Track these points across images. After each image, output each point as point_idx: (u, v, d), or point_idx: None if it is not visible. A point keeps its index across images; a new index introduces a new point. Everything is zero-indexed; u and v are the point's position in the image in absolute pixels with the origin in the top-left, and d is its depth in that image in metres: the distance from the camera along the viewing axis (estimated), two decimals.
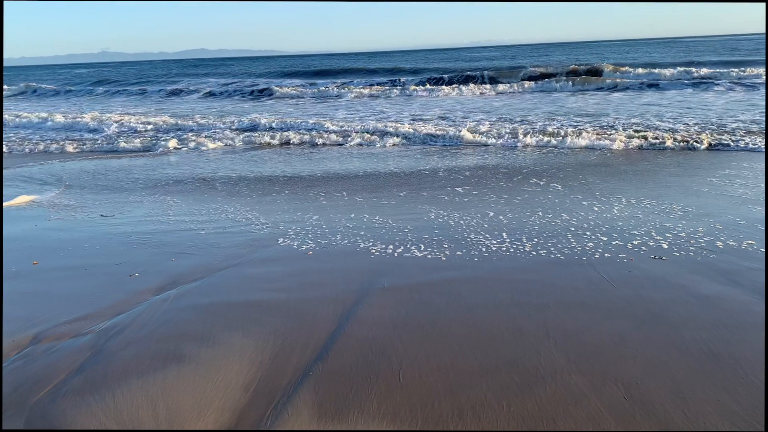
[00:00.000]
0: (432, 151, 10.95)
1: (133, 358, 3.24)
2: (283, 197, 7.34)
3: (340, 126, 14.36)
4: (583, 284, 4.07)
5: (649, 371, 2.94)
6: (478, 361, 3.10)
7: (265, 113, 19.52)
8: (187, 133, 14.52)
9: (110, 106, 25.98)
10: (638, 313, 3.59)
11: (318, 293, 4.10)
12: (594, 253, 4.69)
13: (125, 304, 3.98)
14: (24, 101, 32.40)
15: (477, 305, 3.79)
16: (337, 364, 3.11)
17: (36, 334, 3.58)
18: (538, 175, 8.26)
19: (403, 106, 20.15)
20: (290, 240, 5.37)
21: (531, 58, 49.49)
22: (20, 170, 10.31)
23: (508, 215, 6.03)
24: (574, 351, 3.16)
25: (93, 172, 9.78)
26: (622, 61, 35.46)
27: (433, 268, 4.51)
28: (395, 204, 6.81)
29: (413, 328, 3.49)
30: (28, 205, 7.27)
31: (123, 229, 5.93)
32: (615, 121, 13.04)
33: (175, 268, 4.70)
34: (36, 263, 4.94)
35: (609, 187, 7.22)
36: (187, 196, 7.60)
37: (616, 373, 2.93)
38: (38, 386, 2.99)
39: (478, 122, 14.27)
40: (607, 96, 19.79)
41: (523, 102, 19.29)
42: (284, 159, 10.77)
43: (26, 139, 15.04)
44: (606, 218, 5.73)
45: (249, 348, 3.32)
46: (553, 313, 3.63)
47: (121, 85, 38.32)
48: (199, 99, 28.25)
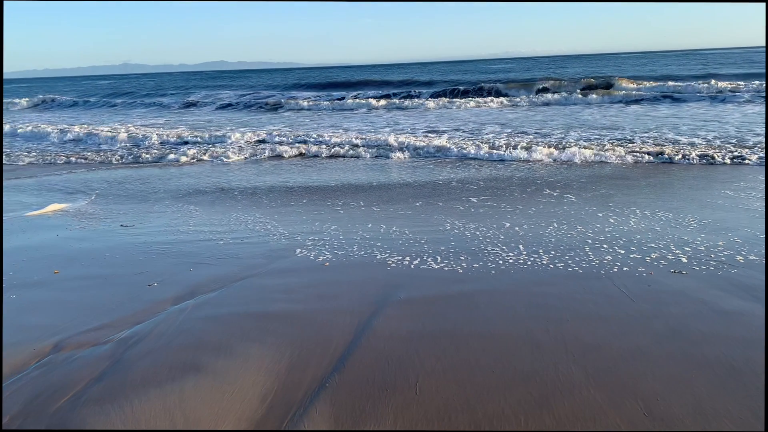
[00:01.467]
0: (445, 162, 10.97)
1: (152, 367, 3.26)
2: (300, 207, 7.39)
3: (355, 137, 14.41)
4: (601, 298, 4.04)
5: (670, 387, 2.90)
6: (495, 374, 3.08)
7: (280, 125, 19.70)
8: (204, 145, 14.65)
9: (129, 117, 26.35)
10: (658, 328, 3.55)
11: (334, 305, 4.11)
12: (612, 267, 4.65)
13: (144, 314, 4.02)
14: (46, 112, 32.99)
15: (494, 318, 3.77)
16: (353, 376, 3.11)
17: (56, 342, 3.62)
18: (551, 186, 8.25)
19: (417, 117, 20.21)
20: (307, 251, 5.39)
21: (548, 70, 49.40)
22: (48, 179, 10.50)
23: (524, 226, 6.01)
24: (592, 365, 3.13)
25: (118, 182, 9.91)
26: (639, 73, 35.29)
27: (449, 280, 4.50)
28: (411, 214, 6.82)
29: (430, 340, 3.48)
30: (53, 214, 7.38)
31: (143, 239, 5.99)
32: (630, 134, 12.95)
33: (194, 278, 4.74)
34: (57, 272, 5.00)
35: (623, 198, 7.18)
36: (207, 206, 7.67)
37: (636, 389, 2.89)
38: (58, 395, 3.02)
39: (491, 134, 14.27)
40: (623, 108, 19.68)
41: (538, 114, 19.26)
42: (300, 170, 10.84)
43: (46, 150, 15.30)
44: (623, 231, 5.68)
45: (266, 359, 3.33)
46: (571, 326, 3.60)
47: (139, 96, 38.82)
48: (216, 110, 28.54)
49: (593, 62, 65.06)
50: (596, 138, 12.64)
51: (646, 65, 49.26)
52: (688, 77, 28.59)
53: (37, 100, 38.57)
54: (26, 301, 4.38)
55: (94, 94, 44.28)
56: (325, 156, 12.61)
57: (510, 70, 54.91)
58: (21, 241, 6.06)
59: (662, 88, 23.90)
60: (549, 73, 42.14)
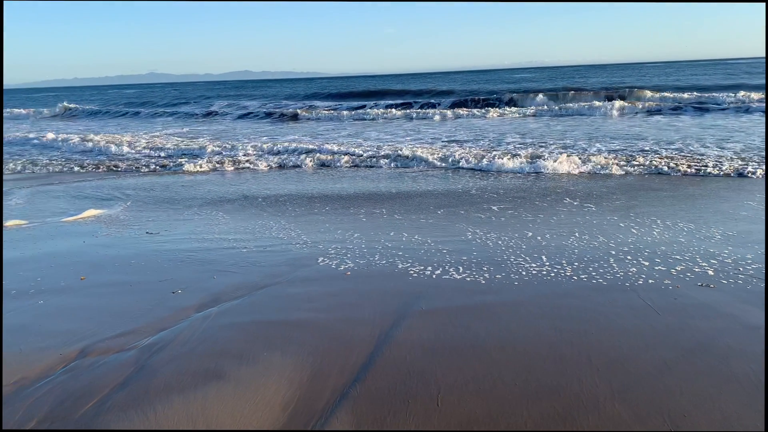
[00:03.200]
0: (464, 171, 10.94)
1: (175, 374, 3.29)
2: (323, 215, 7.43)
3: (375, 147, 14.45)
4: (626, 311, 3.98)
5: (697, 403, 2.85)
6: (518, 387, 3.05)
7: (300, 134, 19.84)
8: (225, 154, 14.80)
9: (154, 126, 26.77)
10: (685, 343, 3.49)
11: (356, 314, 4.11)
12: (637, 279, 4.59)
13: (168, 321, 4.06)
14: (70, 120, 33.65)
15: (517, 330, 3.74)
16: (375, 387, 3.10)
17: (83, 348, 3.67)
18: (571, 195, 8.22)
19: (437, 127, 20.22)
20: (329, 259, 5.40)
21: (571, 79, 49.10)
22: (78, 185, 10.69)
23: (546, 236, 5.97)
24: (617, 380, 3.08)
25: (144, 189, 10.05)
26: (664, 83, 34.91)
27: (472, 291, 4.48)
28: (433, 222, 6.82)
29: (452, 352, 3.46)
30: (79, 221, 7.51)
31: (168, 246, 6.06)
32: (652, 145, 12.78)
33: (217, 285, 4.78)
34: (83, 278, 5.08)
35: (644, 209, 7.11)
36: (230, 213, 7.74)
37: (662, 404, 2.84)
38: (83, 400, 3.05)
39: (512, 144, 14.21)
40: (645, 119, 19.46)
41: (559, 124, 19.13)
42: (321, 178, 10.89)
43: (70, 158, 15.61)
44: (646, 242, 5.61)
45: (287, 367, 3.34)
46: (595, 340, 3.56)
47: (163, 105, 39.38)
48: (237, 120, 28.85)
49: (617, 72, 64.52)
50: (619, 149, 12.49)
51: (672, 75, 48.73)
52: (713, 87, 28.19)
53: (59, 108, 39.21)
54: (53, 306, 4.45)
55: (120, 102, 45.11)
56: (345, 165, 12.65)
57: (533, 79, 54.68)
58: (49, 247, 6.17)
59: (686, 98, 23.59)
60: (572, 82, 41.90)
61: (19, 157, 15.99)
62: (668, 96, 24.36)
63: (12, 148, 18.76)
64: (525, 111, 23.63)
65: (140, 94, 65.50)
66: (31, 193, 10.13)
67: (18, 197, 9.71)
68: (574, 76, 59.44)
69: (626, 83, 36.25)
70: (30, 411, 2.97)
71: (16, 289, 4.82)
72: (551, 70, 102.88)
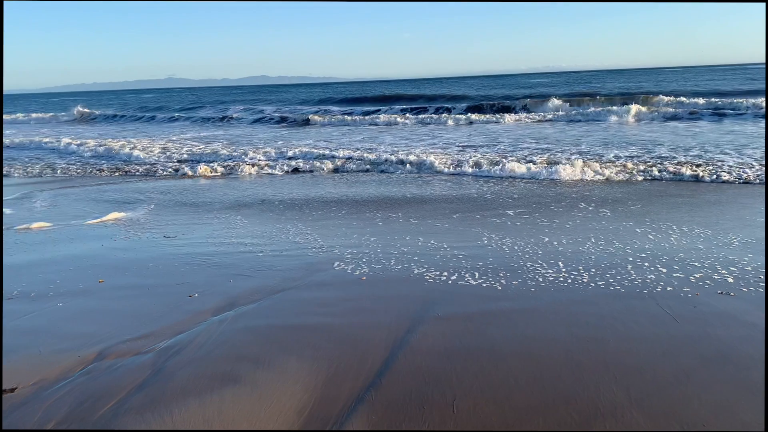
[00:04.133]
0: (479, 177, 10.90)
1: (192, 378, 3.31)
2: (339, 219, 7.46)
3: (390, 153, 14.46)
4: (644, 319, 3.94)
5: (716, 413, 2.81)
6: (534, 394, 3.03)
7: (315, 138, 19.91)
8: (240, 159, 14.89)
9: (171, 130, 27.03)
10: (704, 351, 3.44)
11: (371, 319, 4.10)
12: (655, 286, 4.54)
13: (185, 324, 4.09)
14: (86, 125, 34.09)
15: (534, 338, 3.72)
16: (390, 393, 3.09)
17: (101, 350, 3.71)
18: (586, 200, 8.20)
19: (452, 132, 20.19)
20: (345, 264, 5.41)
21: (587, 84, 48.83)
22: (104, 188, 10.82)
23: (562, 241, 5.93)
24: (635, 388, 3.05)
25: (161, 192, 10.15)
26: (682, 88, 34.59)
27: (488, 297, 4.46)
28: (449, 227, 6.82)
29: (468, 358, 3.45)
30: (102, 224, 7.59)
31: (185, 250, 6.11)
32: (668, 152, 12.64)
33: (233, 289, 4.80)
34: (102, 281, 5.13)
35: (661, 215, 7.06)
36: (247, 217, 7.78)
37: (681, 414, 2.81)
38: (101, 402, 3.08)
39: (527, 150, 14.15)
40: (661, 124, 19.27)
41: (574, 129, 19.02)
42: (335, 183, 10.91)
43: (88, 162, 15.80)
44: (664, 248, 5.55)
45: (303, 372, 3.35)
46: (613, 348, 3.52)
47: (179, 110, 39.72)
48: (253, 124, 29.04)
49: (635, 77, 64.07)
50: (635, 155, 12.38)
51: (690, 80, 48.30)
52: (732, 93, 27.89)
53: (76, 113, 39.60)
54: (72, 309, 4.50)
55: (137, 107, 45.61)
56: (359, 170, 12.66)
57: (549, 84, 54.46)
58: (68, 250, 6.25)
59: (704, 103, 23.30)
60: (589, 87, 41.67)
61: (38, 161, 16.23)
62: (685, 101, 24.10)
63: (32, 152, 19.04)
64: (540, 116, 23.54)
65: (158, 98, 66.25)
66: (54, 196, 10.27)
67: (41, 200, 9.86)
68: (592, 81, 59.12)
69: (643, 88, 36.01)
70: (49, 412, 3.00)
71: (36, 292, 4.88)
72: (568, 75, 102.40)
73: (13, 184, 12.18)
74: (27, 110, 50.16)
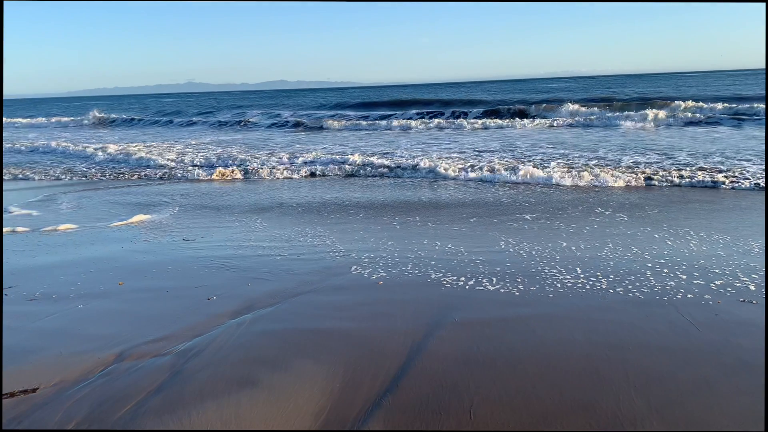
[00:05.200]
0: (494, 181, 10.84)
1: (210, 380, 3.32)
2: (357, 222, 7.48)
3: (405, 158, 14.46)
4: (665, 326, 3.89)
5: (739, 423, 2.77)
6: (553, 402, 3.00)
7: (330, 143, 19.97)
8: (257, 163, 14.98)
9: (191, 134, 27.29)
10: (726, 360, 3.39)
11: (388, 324, 4.10)
12: (676, 293, 4.48)
13: (203, 327, 4.11)
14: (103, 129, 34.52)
15: (552, 344, 3.69)
16: (407, 398, 3.09)
17: (120, 352, 3.74)
18: (603, 205, 8.16)
19: (468, 136, 20.13)
20: (362, 268, 5.41)
21: (606, 89, 48.47)
22: (126, 191, 10.95)
23: (580, 246, 5.90)
24: (655, 397, 3.01)
25: (180, 195, 10.24)
26: (702, 93, 34.16)
27: (506, 303, 4.43)
28: (466, 231, 6.81)
29: (485, 364, 3.43)
30: (125, 226, 7.68)
31: (204, 253, 6.15)
32: (688, 157, 12.48)
33: (251, 292, 4.83)
34: (121, 284, 5.18)
35: (679, 221, 6.99)
36: (265, 221, 7.82)
37: (702, 424, 2.77)
38: (120, 404, 3.11)
39: (543, 155, 14.07)
40: (681, 129, 19.05)
41: (592, 134, 18.89)
42: (351, 187, 10.93)
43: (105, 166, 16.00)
44: (684, 254, 5.49)
45: (320, 376, 3.35)
46: (633, 356, 3.48)
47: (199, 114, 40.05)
48: (270, 129, 29.18)
49: (655, 81, 63.44)
50: (654, 161, 12.25)
51: (711, 84, 47.73)
52: (754, 98, 27.45)
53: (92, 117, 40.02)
54: (92, 310, 4.55)
55: (156, 111, 46.13)
56: (374, 174, 12.66)
57: (567, 89, 54.15)
58: (90, 252, 6.32)
59: (724, 108, 22.99)
60: (607, 92, 41.35)
61: (58, 164, 16.47)
62: (705, 107, 23.80)
63: (53, 156, 19.32)
64: (557, 121, 23.39)
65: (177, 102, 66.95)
66: (77, 198, 10.41)
67: (66, 202, 10.00)
68: (611, 85, 58.67)
69: (663, 93, 35.65)
70: (69, 413, 3.03)
71: (57, 293, 4.94)
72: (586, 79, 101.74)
73: (35, 187, 12.37)
74: (49, 114, 50.96)
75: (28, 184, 13.14)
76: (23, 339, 4.01)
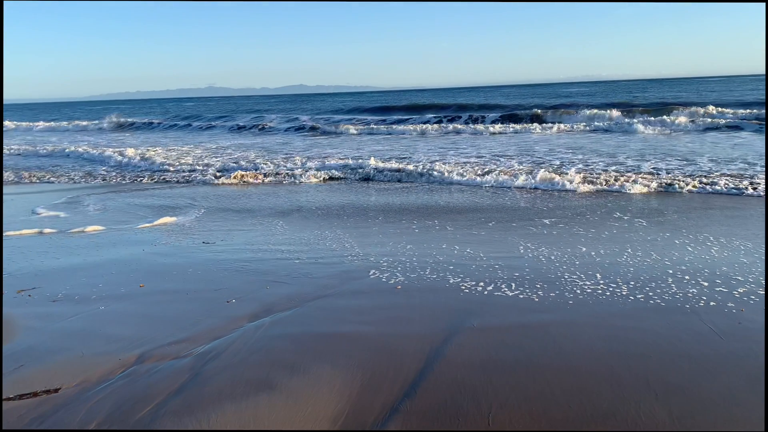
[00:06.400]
0: (512, 186, 10.77)
1: (228, 383, 3.34)
2: (375, 226, 7.51)
3: (423, 162, 14.45)
4: (687, 335, 3.84)
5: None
6: (572, 410, 2.97)
7: (347, 148, 20.02)
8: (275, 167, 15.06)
9: (211, 137, 27.53)
10: (750, 370, 3.33)
11: (406, 329, 4.09)
12: (698, 301, 4.42)
13: (222, 330, 4.14)
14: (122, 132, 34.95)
15: (572, 351, 3.65)
16: (425, 404, 3.08)
17: (140, 354, 3.78)
18: (621, 210, 8.12)
19: (485, 141, 20.07)
20: (380, 273, 5.41)
21: (627, 94, 48.02)
22: (149, 193, 11.08)
23: (600, 251, 5.86)
24: (677, 407, 2.97)
25: (201, 197, 10.33)
26: (725, 98, 33.73)
27: (525, 309, 4.40)
28: (485, 235, 6.80)
29: (504, 371, 3.41)
30: (144, 229, 7.76)
31: (223, 256, 6.20)
32: (709, 163, 12.30)
33: (270, 296, 4.85)
34: (142, 286, 5.24)
35: (698, 226, 6.92)
36: (284, 224, 7.85)
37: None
38: (140, 405, 3.14)
39: (561, 160, 13.97)
40: (702, 135, 18.82)
41: (611, 139, 18.73)
42: (369, 191, 10.93)
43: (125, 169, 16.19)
44: (705, 261, 5.41)
45: (337, 380, 3.36)
46: (654, 364, 3.44)
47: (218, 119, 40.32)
48: (287, 133, 29.30)
49: (677, 86, 62.75)
50: (674, 167, 12.10)
51: (735, 89, 47.11)
52: None
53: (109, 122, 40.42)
54: (113, 312, 4.60)
55: (175, 115, 46.66)
56: (392, 179, 12.65)
57: (588, 93, 53.79)
58: (111, 254, 6.40)
59: (747, 113, 22.65)
60: (629, 97, 40.97)
61: (79, 168, 16.71)
62: (727, 112, 23.48)
63: (73, 160, 19.59)
64: (576, 126, 23.23)
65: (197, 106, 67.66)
66: (101, 200, 10.54)
67: (93, 204, 10.15)
68: (632, 90, 58.13)
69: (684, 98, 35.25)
70: (91, 413, 3.07)
71: (79, 295, 5.01)
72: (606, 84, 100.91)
73: (57, 190, 12.55)
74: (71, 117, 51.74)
75: (50, 186, 13.34)
76: (46, 339, 4.07)
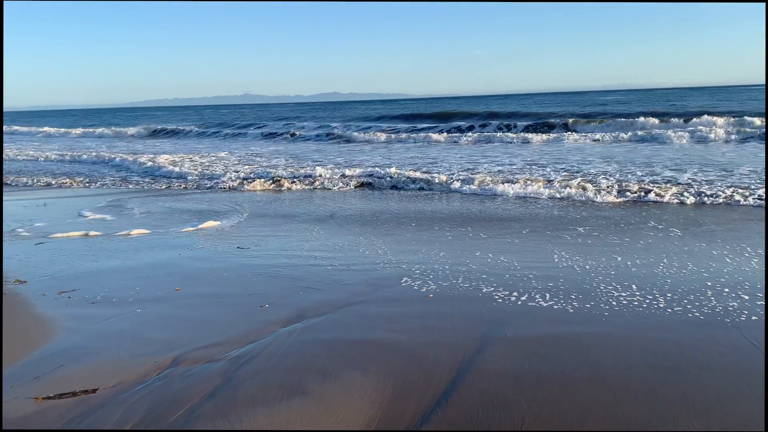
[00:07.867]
0: (544, 196, 10.62)
1: (261, 387, 3.37)
2: (409, 233, 7.53)
3: (455, 170, 14.39)
4: (727, 349, 3.73)
5: None
6: (607, 423, 2.92)
7: (380, 155, 20.07)
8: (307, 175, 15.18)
9: (246, 144, 27.92)
10: None
11: (438, 338, 4.07)
12: (739, 315, 4.30)
13: (256, 334, 4.18)
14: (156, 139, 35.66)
15: (607, 364, 3.58)
16: (456, 414, 3.06)
17: (176, 356, 3.84)
18: (656, 219, 8.01)
19: (519, 150, 19.88)
20: (412, 280, 5.41)
21: (665, 103, 47.06)
22: (189, 198, 11.31)
23: (636, 261, 5.76)
24: (717, 423, 2.89)
25: (239, 203, 10.49)
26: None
27: (559, 320, 4.34)
28: (519, 244, 6.76)
29: (537, 382, 3.36)
30: (184, 233, 7.91)
31: (257, 262, 6.27)
32: (749, 174, 11.90)
33: (302, 301, 4.89)
34: (178, 289, 5.33)
35: (737, 239, 6.73)
36: (317, 230, 7.91)
37: None
38: (174, 408, 3.18)
39: (594, 170, 13.77)
40: (742, 145, 18.32)
41: (647, 148, 18.36)
42: (400, 199, 10.94)
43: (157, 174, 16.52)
44: (745, 273, 5.27)
45: (369, 387, 3.36)
46: (693, 378, 3.35)
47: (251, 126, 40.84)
48: (319, 139, 29.52)
49: (718, 94, 61.22)
50: (713, 179, 11.77)
51: None
52: None
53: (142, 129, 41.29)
54: (150, 315, 4.69)
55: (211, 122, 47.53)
56: (422, 188, 12.59)
57: (624, 101, 52.94)
58: (149, 258, 6.53)
59: None
60: (667, 106, 40.16)
61: (118, 173, 17.12)
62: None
63: (112, 167, 20.06)
64: (610, 134, 22.79)
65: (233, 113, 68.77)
66: (143, 205, 10.80)
67: (137, 207, 10.41)
68: (670, 98, 56.98)
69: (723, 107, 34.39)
70: (126, 414, 3.13)
71: (117, 297, 5.11)
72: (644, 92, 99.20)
73: (96, 194, 12.87)
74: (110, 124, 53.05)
75: (87, 191, 13.69)
76: (84, 340, 4.17)
